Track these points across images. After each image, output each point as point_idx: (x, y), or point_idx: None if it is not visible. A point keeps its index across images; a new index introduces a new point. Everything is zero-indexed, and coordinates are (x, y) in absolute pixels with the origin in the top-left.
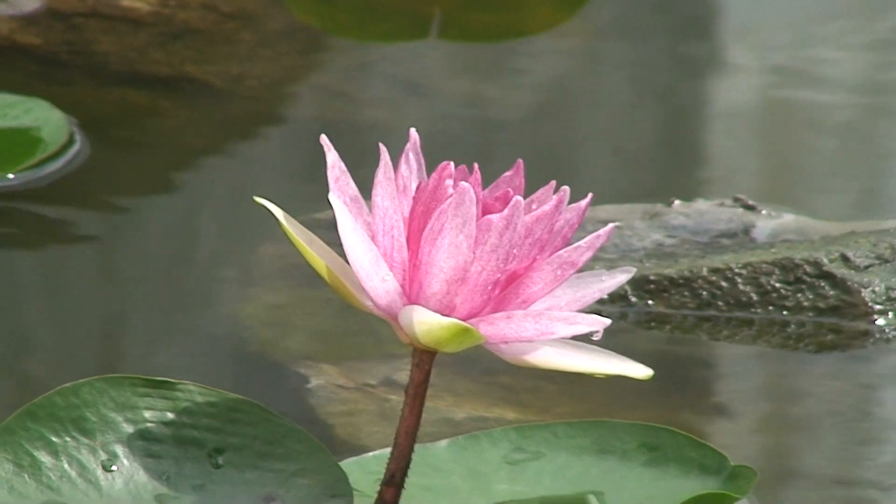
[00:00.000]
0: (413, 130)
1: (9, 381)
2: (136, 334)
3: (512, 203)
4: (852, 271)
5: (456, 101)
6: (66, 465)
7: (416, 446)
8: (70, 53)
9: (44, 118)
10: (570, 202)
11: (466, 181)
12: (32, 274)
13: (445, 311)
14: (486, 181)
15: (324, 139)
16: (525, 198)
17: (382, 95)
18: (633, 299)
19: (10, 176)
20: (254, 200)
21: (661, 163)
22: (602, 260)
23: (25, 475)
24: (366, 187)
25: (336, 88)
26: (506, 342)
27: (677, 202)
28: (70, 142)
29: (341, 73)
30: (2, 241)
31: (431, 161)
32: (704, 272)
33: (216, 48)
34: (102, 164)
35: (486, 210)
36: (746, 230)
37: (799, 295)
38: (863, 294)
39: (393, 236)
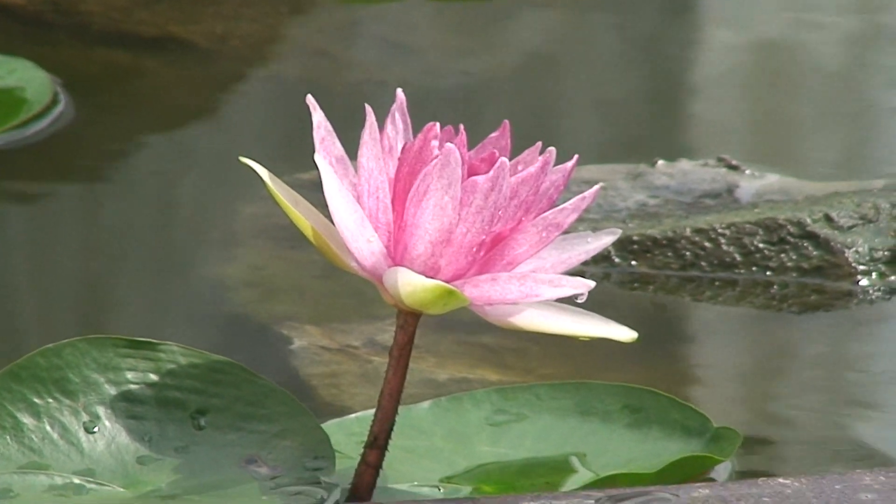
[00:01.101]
0: (399, 91)
1: None
2: (118, 295)
3: (497, 165)
4: (836, 231)
5: (442, 60)
6: (48, 427)
7: (399, 408)
8: (54, 13)
9: (28, 78)
10: (556, 163)
11: (452, 142)
12: (15, 234)
13: (430, 273)
14: (473, 142)
15: (310, 99)
16: (511, 159)
17: (368, 55)
18: (617, 260)
19: None
20: (239, 161)
21: (644, 123)
22: (585, 220)
23: (7, 437)
24: (352, 148)
25: (321, 48)
26: (490, 304)
27: (661, 162)
28: (54, 102)
29: (326, 32)
30: None
31: (417, 121)
32: (688, 232)
33: (200, 8)
34: (86, 125)
35: (471, 171)
36: (730, 190)
37: (782, 255)
38: (846, 254)
39: (378, 197)
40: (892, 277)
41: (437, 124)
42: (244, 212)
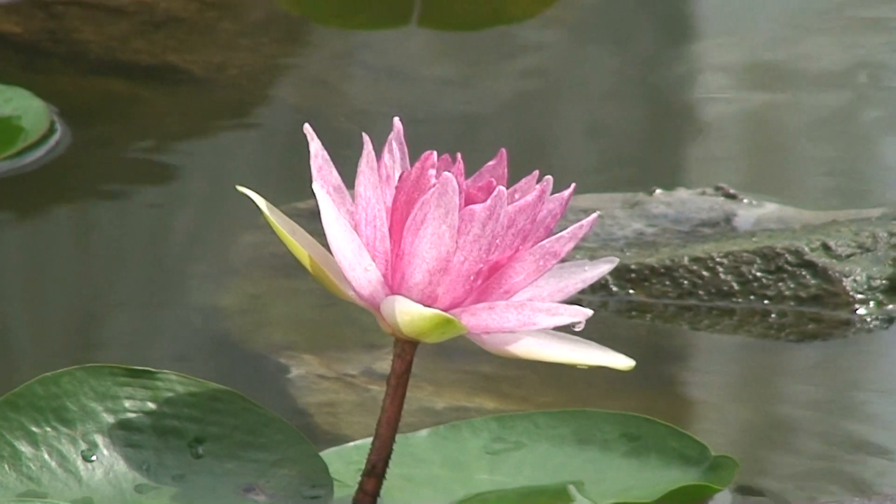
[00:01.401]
0: (397, 119)
1: None
2: (116, 323)
3: (495, 193)
4: (834, 260)
5: (438, 88)
6: (46, 455)
7: (397, 436)
8: (51, 42)
9: (24, 107)
10: (553, 192)
11: (449, 171)
12: (10, 262)
13: (428, 302)
14: (470, 170)
15: (307, 128)
16: (508, 187)
17: (364, 83)
18: (614, 288)
19: None
20: (236, 189)
21: (642, 151)
22: (583, 249)
23: (6, 465)
24: (349, 176)
25: (318, 77)
26: (488, 332)
27: (658, 191)
28: (51, 131)
29: (323, 61)
30: None
31: (414, 149)
32: (685, 261)
33: (198, 37)
34: (83, 153)
35: (469, 200)
36: (728, 219)
37: (780, 284)
38: (844, 283)
39: (375, 226)
40: (890, 306)
41: (435, 153)
42: (241, 241)
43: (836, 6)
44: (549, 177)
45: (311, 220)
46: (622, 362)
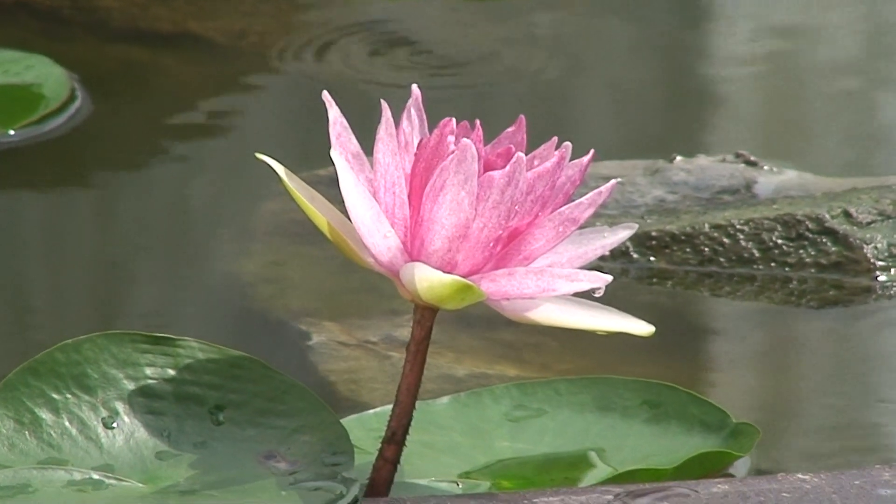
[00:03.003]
0: (415, 86)
1: (10, 337)
2: (137, 290)
3: (514, 160)
4: (854, 227)
5: (458, 55)
6: (66, 423)
7: (418, 403)
8: (72, 9)
9: (45, 74)
10: (573, 158)
11: (468, 137)
12: (34, 230)
13: (447, 268)
14: (489, 137)
15: (326, 95)
16: (527, 154)
17: (386, 52)
18: (635, 255)
19: (12, 132)
20: (255, 157)
21: (663, 118)
22: (603, 216)
23: (26, 432)
24: (368, 144)
25: (338, 44)
26: (507, 299)
27: (679, 158)
28: (71, 98)
29: (344, 28)
30: (3, 198)
31: (433, 117)
32: (706, 228)
33: (218, 4)
34: (104, 121)
35: (487, 166)
36: (748, 186)
37: (801, 251)
38: (865, 250)
39: (395, 193)
40: None
41: (453, 120)
42: (262, 208)
43: None
44: (567, 143)
45: (331, 187)
46: (642, 328)
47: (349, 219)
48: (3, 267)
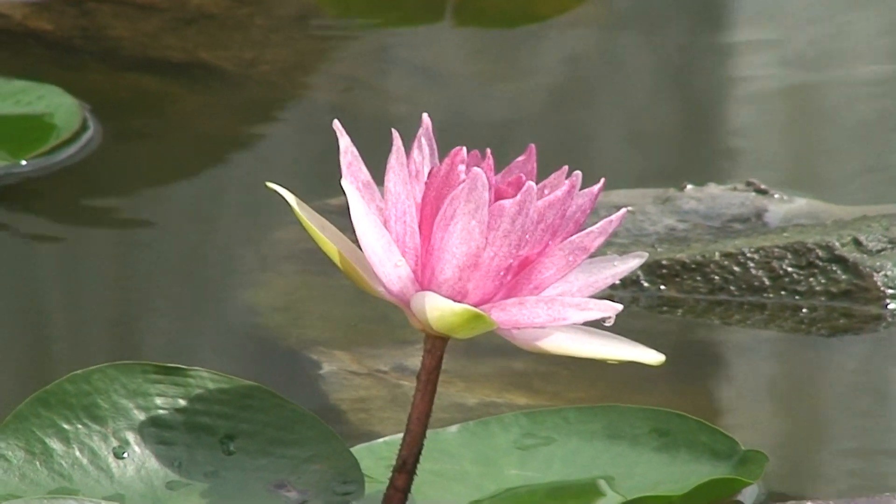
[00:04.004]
0: (425, 115)
1: (21, 368)
2: (149, 321)
3: (524, 188)
4: (864, 255)
5: (470, 86)
6: (77, 453)
7: (428, 432)
8: (83, 39)
9: (56, 104)
10: (583, 187)
11: (479, 166)
12: (45, 260)
13: (458, 297)
14: (501, 166)
15: (336, 124)
16: (537, 183)
17: (396, 80)
18: (646, 284)
19: (23, 162)
20: (266, 186)
21: (673, 147)
22: (614, 245)
23: (37, 462)
24: (380, 173)
25: (350, 73)
26: (518, 328)
27: (689, 186)
28: (83, 128)
29: (355, 58)
30: (15, 228)
31: (446, 146)
32: (717, 256)
33: (229, 33)
34: (115, 150)
35: (498, 195)
36: (759, 214)
37: (811, 279)
38: (875, 278)
39: (405, 222)
40: None
41: (464, 148)
42: (274, 237)
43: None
44: (578, 172)
45: (342, 217)
46: (652, 357)
47: (360, 248)
48: (15, 297)
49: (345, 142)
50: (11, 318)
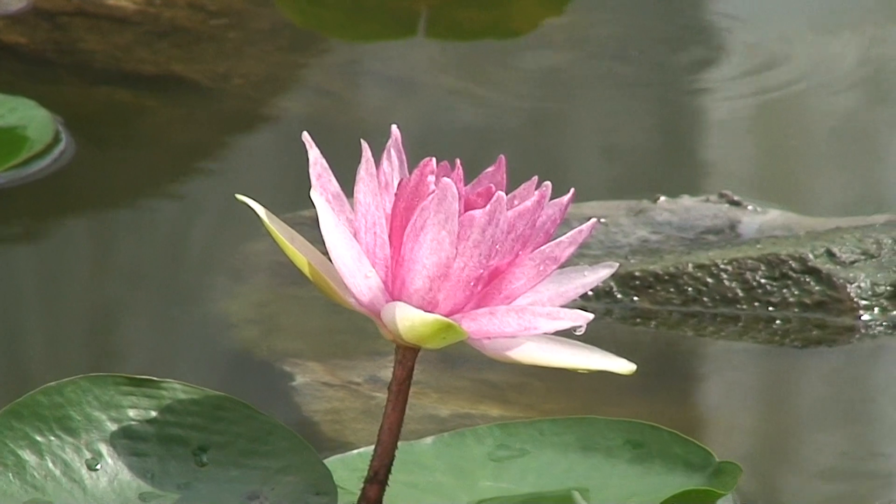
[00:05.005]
0: (394, 127)
1: None
2: (122, 333)
3: (494, 199)
4: (838, 267)
5: (443, 98)
6: (50, 465)
7: (401, 443)
8: (56, 52)
9: (29, 117)
10: (555, 198)
11: (449, 177)
12: (19, 272)
13: (428, 308)
14: (472, 178)
15: (305, 136)
16: (508, 194)
17: (370, 93)
18: (619, 296)
19: None
20: (237, 198)
21: (646, 159)
22: (587, 256)
23: (10, 474)
24: (352, 185)
25: (323, 86)
26: (489, 338)
27: (663, 198)
28: (56, 140)
29: (328, 70)
30: None
31: (418, 158)
32: (690, 268)
33: (202, 46)
34: (88, 163)
35: (468, 206)
36: (732, 226)
37: (784, 291)
38: (848, 290)
39: (375, 233)
40: (894, 312)
41: (433, 159)
42: (247, 249)
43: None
44: (547, 182)
45: (315, 229)
46: (623, 366)
47: (330, 259)
48: None
49: (314, 153)
50: None
